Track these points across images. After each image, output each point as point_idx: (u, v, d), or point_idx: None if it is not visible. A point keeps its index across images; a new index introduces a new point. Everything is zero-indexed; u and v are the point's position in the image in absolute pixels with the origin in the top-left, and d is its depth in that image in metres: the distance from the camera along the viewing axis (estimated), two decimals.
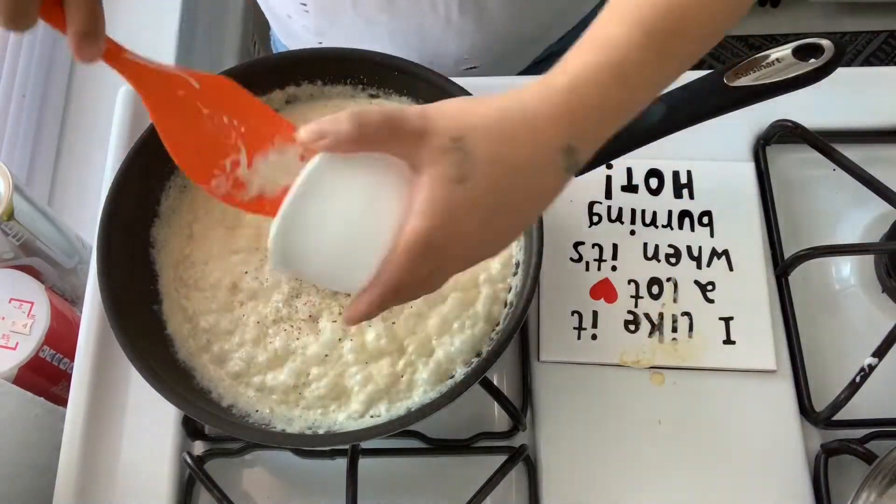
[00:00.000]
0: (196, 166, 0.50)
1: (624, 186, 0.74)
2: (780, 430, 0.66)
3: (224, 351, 0.61)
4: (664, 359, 0.67)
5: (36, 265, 0.78)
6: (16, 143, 0.96)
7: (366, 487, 0.61)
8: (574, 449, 0.65)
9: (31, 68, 0.99)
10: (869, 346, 0.64)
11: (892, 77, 0.79)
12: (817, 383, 0.67)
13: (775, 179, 0.74)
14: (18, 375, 0.71)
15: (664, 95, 0.60)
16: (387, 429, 0.56)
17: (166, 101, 0.48)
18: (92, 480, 0.65)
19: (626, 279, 0.70)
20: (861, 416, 0.65)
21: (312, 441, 0.59)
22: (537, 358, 0.68)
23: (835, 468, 0.64)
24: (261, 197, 0.50)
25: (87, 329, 0.69)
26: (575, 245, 0.72)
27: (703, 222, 0.72)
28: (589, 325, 0.69)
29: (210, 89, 0.49)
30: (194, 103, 0.49)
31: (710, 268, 0.71)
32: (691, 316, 0.69)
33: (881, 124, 0.76)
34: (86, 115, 1.04)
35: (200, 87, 0.49)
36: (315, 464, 0.66)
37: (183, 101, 0.48)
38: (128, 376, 0.68)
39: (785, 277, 0.71)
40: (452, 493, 0.63)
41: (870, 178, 0.71)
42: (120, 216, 0.62)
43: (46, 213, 0.79)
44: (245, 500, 0.65)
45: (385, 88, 0.68)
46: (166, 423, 0.66)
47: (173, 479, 0.65)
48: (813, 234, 0.74)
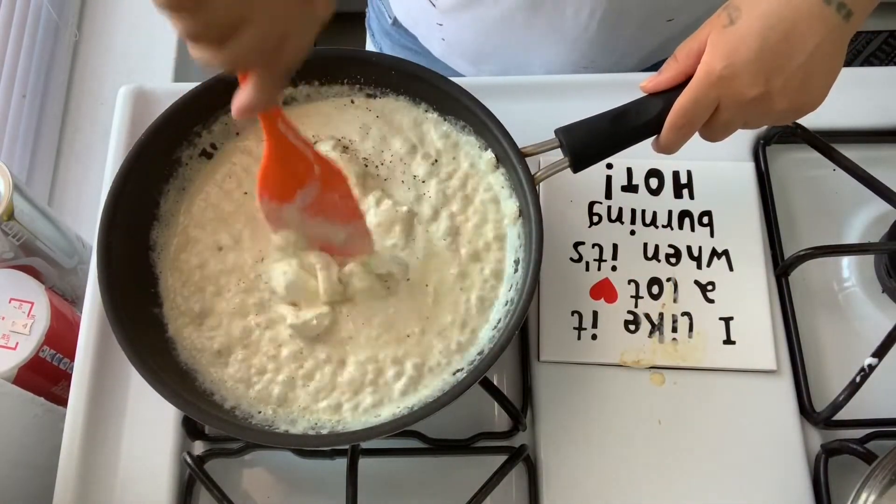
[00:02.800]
0: (274, 193, 0.59)
1: (624, 186, 0.74)
2: (780, 430, 0.66)
3: (226, 353, 0.61)
4: (664, 359, 0.68)
5: (36, 265, 0.78)
6: (16, 143, 0.96)
7: (366, 487, 0.61)
8: (574, 449, 0.65)
9: (31, 68, 0.99)
10: (869, 346, 0.64)
11: (892, 77, 0.79)
12: (817, 383, 0.68)
13: (775, 179, 0.74)
14: (18, 375, 0.71)
15: (663, 90, 0.60)
16: (387, 429, 0.56)
17: (284, 162, 0.57)
18: (92, 480, 0.65)
19: (626, 279, 0.70)
20: (861, 416, 0.65)
21: (314, 441, 0.59)
22: (537, 358, 0.68)
23: (835, 468, 0.64)
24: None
25: (87, 329, 0.69)
26: (575, 245, 0.72)
27: (703, 222, 0.72)
28: (589, 325, 0.69)
29: (325, 175, 0.59)
30: (304, 173, 0.58)
31: (710, 268, 0.71)
32: (691, 316, 0.69)
33: (881, 124, 0.77)
34: (86, 115, 1.04)
35: (319, 172, 0.58)
36: (315, 464, 0.66)
37: (295, 168, 0.57)
38: (128, 376, 0.68)
39: (785, 277, 0.71)
40: (452, 493, 0.63)
41: (870, 178, 0.71)
42: (119, 219, 0.61)
43: (46, 213, 0.79)
44: (245, 500, 0.65)
45: (382, 88, 0.68)
46: (166, 423, 0.66)
47: (173, 479, 0.65)
48: (813, 234, 0.74)
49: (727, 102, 0.57)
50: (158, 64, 1.06)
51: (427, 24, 0.86)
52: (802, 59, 0.55)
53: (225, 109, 0.67)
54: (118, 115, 0.77)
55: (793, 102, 0.57)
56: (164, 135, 0.64)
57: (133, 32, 1.08)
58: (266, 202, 0.60)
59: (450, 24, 0.83)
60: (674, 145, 0.60)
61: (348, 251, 0.62)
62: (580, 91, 0.76)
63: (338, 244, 0.62)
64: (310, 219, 0.61)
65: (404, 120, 0.68)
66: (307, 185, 0.59)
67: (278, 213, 0.60)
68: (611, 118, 0.60)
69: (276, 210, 0.60)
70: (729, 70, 0.55)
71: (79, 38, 1.08)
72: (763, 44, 0.55)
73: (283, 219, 0.61)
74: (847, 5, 0.55)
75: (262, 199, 0.59)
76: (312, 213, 0.60)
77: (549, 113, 0.66)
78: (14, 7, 0.99)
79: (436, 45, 0.88)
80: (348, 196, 0.61)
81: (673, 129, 0.59)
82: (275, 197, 0.59)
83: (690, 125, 0.59)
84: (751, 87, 0.56)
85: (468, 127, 0.66)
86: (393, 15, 0.91)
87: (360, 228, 0.62)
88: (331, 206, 0.60)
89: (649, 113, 0.60)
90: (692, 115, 0.58)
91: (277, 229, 0.61)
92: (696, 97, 0.57)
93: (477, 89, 0.65)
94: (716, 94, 0.57)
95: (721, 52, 0.56)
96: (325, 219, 0.61)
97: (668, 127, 0.59)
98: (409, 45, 0.92)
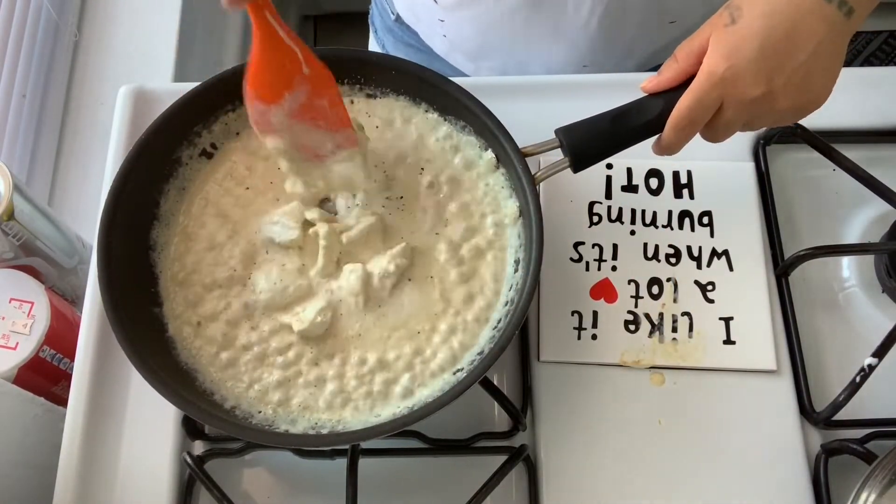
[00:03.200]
0: (261, 92, 0.58)
1: (624, 186, 0.74)
2: (780, 430, 0.66)
3: (226, 353, 0.61)
4: (664, 359, 0.68)
5: (36, 265, 0.78)
6: (16, 143, 0.96)
7: (366, 487, 0.61)
8: (574, 449, 0.65)
9: (31, 68, 0.99)
10: (869, 346, 0.64)
11: (892, 77, 0.79)
12: (817, 383, 0.68)
13: (775, 179, 0.74)
14: (18, 375, 0.71)
15: (664, 92, 0.60)
16: (387, 429, 0.56)
17: (272, 57, 0.56)
18: (92, 480, 0.65)
19: (626, 279, 0.70)
20: (861, 416, 0.65)
21: (314, 441, 0.59)
22: (537, 358, 0.68)
23: (835, 468, 0.64)
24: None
25: (87, 329, 0.69)
26: (575, 245, 0.72)
27: (703, 222, 0.72)
28: (589, 325, 0.69)
29: (314, 78, 0.58)
30: (292, 72, 0.57)
31: (710, 268, 0.71)
32: (691, 316, 0.69)
33: (881, 124, 0.77)
34: (86, 115, 1.04)
35: (309, 74, 0.58)
36: (315, 464, 0.66)
37: (283, 65, 0.57)
38: (128, 376, 0.68)
39: (785, 277, 0.71)
40: (452, 493, 0.63)
41: (870, 178, 0.71)
42: (119, 219, 0.61)
43: (46, 213, 0.79)
44: (245, 500, 0.65)
45: (382, 88, 0.68)
46: (166, 423, 0.66)
47: (173, 479, 0.65)
48: (813, 234, 0.74)
49: (730, 102, 0.57)
50: (158, 64, 1.06)
51: (429, 21, 0.86)
52: (804, 57, 0.55)
53: (225, 109, 0.67)
54: (118, 115, 0.77)
55: (795, 101, 0.57)
56: (164, 135, 0.64)
57: (133, 32, 1.08)
58: (253, 102, 0.58)
59: (451, 21, 0.83)
60: (675, 146, 0.60)
61: (336, 156, 0.62)
62: (580, 91, 0.76)
63: (325, 152, 0.62)
64: (297, 124, 0.60)
65: (403, 119, 0.68)
66: (295, 88, 0.58)
67: (266, 115, 0.59)
68: (611, 118, 0.60)
69: (263, 112, 0.59)
70: (731, 70, 0.55)
71: (79, 38, 1.08)
72: (765, 42, 0.55)
73: (271, 122, 0.60)
74: (848, 3, 0.55)
75: (248, 97, 0.58)
76: (300, 119, 0.60)
77: (549, 113, 0.66)
78: (14, 7, 0.99)
79: (437, 41, 0.89)
80: (337, 103, 0.61)
81: (675, 129, 0.59)
82: (263, 96, 0.58)
83: (693, 125, 0.59)
84: (753, 86, 0.56)
85: (468, 127, 0.66)
86: (396, 11, 0.91)
87: (348, 136, 0.62)
88: (319, 111, 0.60)
89: (650, 113, 0.60)
90: (695, 115, 0.58)
91: (264, 133, 0.60)
92: (698, 97, 0.57)
93: (477, 89, 0.65)
94: (718, 94, 0.57)
95: (723, 52, 0.56)
96: (313, 125, 0.60)
97: (669, 127, 0.59)
98: (412, 42, 0.92)
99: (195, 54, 1.12)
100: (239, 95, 0.66)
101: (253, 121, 0.60)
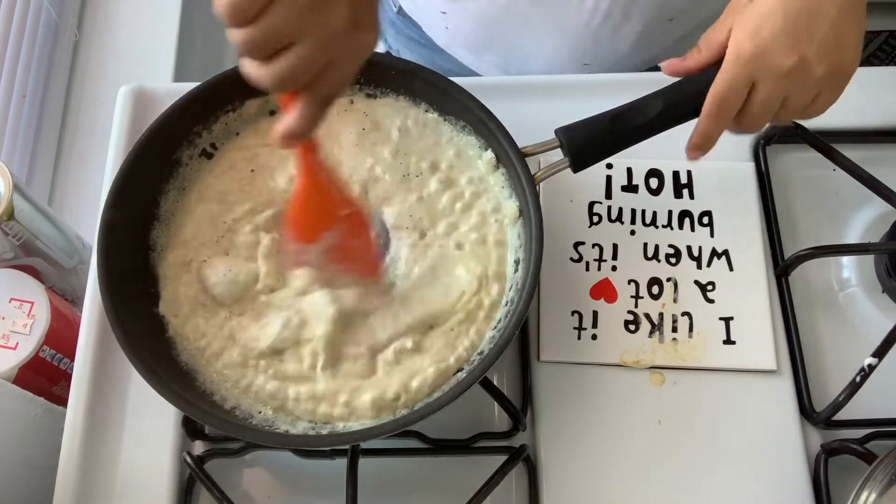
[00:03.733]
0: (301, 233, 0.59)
1: (624, 186, 0.74)
2: (780, 430, 0.66)
3: (225, 353, 0.61)
4: (664, 359, 0.67)
5: (36, 265, 0.78)
6: (16, 143, 0.96)
7: (366, 487, 0.61)
8: (574, 449, 0.65)
9: (31, 68, 0.99)
10: (869, 346, 0.64)
11: (892, 77, 0.79)
12: (817, 383, 0.68)
13: (775, 179, 0.74)
14: (18, 375, 0.71)
15: (663, 91, 0.60)
16: (387, 429, 0.56)
17: (315, 199, 0.56)
18: (92, 480, 0.65)
19: (626, 279, 0.70)
20: (861, 416, 0.65)
21: (314, 441, 0.59)
22: (537, 358, 0.68)
23: (835, 468, 0.64)
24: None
25: (87, 329, 0.69)
26: (575, 245, 0.72)
27: (703, 222, 0.72)
28: (589, 325, 0.69)
29: (351, 218, 0.58)
30: (333, 213, 0.57)
31: (710, 268, 0.71)
32: (691, 316, 0.69)
33: (881, 124, 0.77)
34: (86, 115, 1.04)
35: (346, 215, 0.58)
36: (315, 464, 0.66)
37: (324, 207, 0.57)
38: (128, 376, 0.68)
39: (785, 277, 0.71)
40: (452, 493, 0.63)
41: (870, 178, 0.71)
42: (119, 219, 0.62)
43: (46, 213, 0.79)
44: (245, 500, 0.65)
45: (383, 88, 0.68)
46: (166, 423, 0.66)
47: (173, 479, 0.65)
48: (813, 234, 0.74)
49: (763, 78, 0.56)
50: (158, 64, 1.06)
51: (431, 12, 0.86)
52: (828, 24, 0.55)
53: (225, 109, 0.67)
54: (118, 115, 0.77)
55: (830, 65, 0.56)
56: (164, 135, 0.64)
57: (133, 32, 1.08)
58: (290, 243, 0.59)
59: (453, 13, 0.83)
60: (712, 135, 0.60)
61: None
62: (580, 91, 0.76)
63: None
64: (330, 264, 0.60)
65: (403, 119, 0.68)
66: (333, 229, 0.58)
67: (301, 254, 0.59)
68: (611, 118, 0.60)
69: (299, 251, 0.59)
70: (759, 46, 0.55)
71: (79, 38, 1.08)
72: (787, 14, 0.55)
73: (304, 261, 0.60)
74: None
75: (288, 238, 0.59)
76: (331, 259, 0.59)
77: (549, 113, 0.66)
78: (14, 7, 0.99)
79: (439, 34, 0.88)
80: (369, 245, 0.61)
81: (709, 116, 0.58)
82: (301, 237, 0.58)
83: (727, 110, 0.58)
84: (785, 57, 0.55)
85: (468, 127, 0.66)
86: (398, 4, 0.91)
87: (377, 285, 0.62)
88: (352, 252, 0.60)
89: (650, 113, 0.60)
90: (727, 98, 0.57)
91: (293, 269, 0.61)
92: (729, 78, 0.57)
93: (477, 89, 0.65)
94: (748, 74, 0.56)
95: (748, 31, 0.56)
96: (345, 268, 0.60)
97: (704, 115, 0.58)
98: (413, 36, 0.92)
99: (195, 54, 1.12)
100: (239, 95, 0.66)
101: (288, 261, 0.61)
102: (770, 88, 0.57)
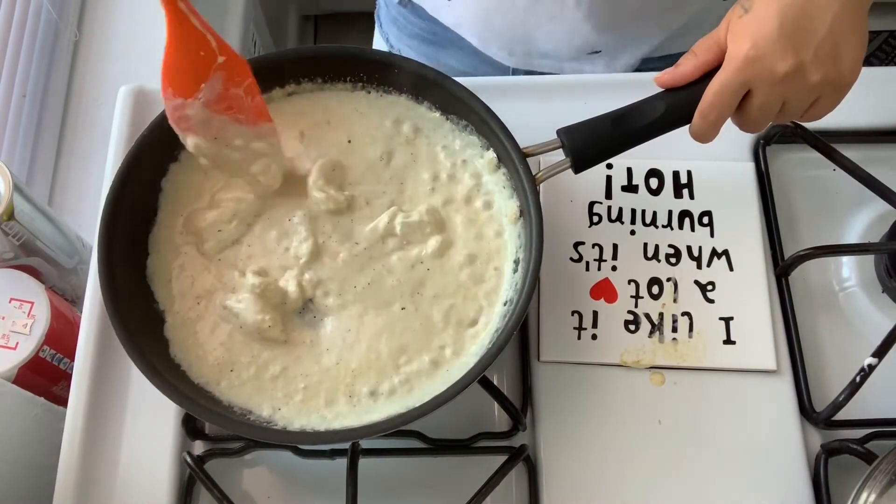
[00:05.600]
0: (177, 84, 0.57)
1: (624, 186, 0.74)
2: (780, 430, 0.66)
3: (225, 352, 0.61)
4: (664, 359, 0.68)
5: (36, 265, 0.78)
6: (16, 143, 0.96)
7: (366, 487, 0.61)
8: (574, 449, 0.65)
9: (31, 68, 0.99)
10: (869, 346, 0.64)
11: (892, 77, 0.79)
12: (817, 383, 0.68)
13: (775, 179, 0.75)
14: (18, 375, 0.71)
15: (664, 93, 0.60)
16: (386, 426, 0.56)
17: (186, 46, 0.55)
18: (92, 480, 0.65)
19: (626, 279, 0.70)
20: (861, 416, 0.66)
21: (312, 438, 0.59)
22: (537, 358, 0.68)
23: (835, 468, 0.64)
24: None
25: (87, 329, 0.69)
26: (575, 245, 0.72)
27: (703, 222, 0.72)
28: (589, 325, 0.69)
29: (229, 64, 0.57)
30: (208, 61, 0.56)
31: (710, 268, 0.71)
32: (691, 316, 0.69)
33: (881, 124, 0.77)
34: (86, 115, 1.04)
35: (223, 62, 0.57)
36: (315, 464, 0.66)
37: (198, 54, 0.56)
38: (128, 376, 0.68)
39: (785, 277, 0.71)
40: (452, 493, 0.63)
41: (870, 178, 0.71)
42: (119, 219, 0.62)
43: (46, 213, 0.79)
44: (245, 500, 0.65)
45: (385, 86, 0.68)
46: (166, 423, 0.66)
47: (173, 479, 0.65)
48: (813, 234, 0.74)
49: (760, 83, 0.57)
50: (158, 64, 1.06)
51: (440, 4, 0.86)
52: (824, 31, 0.56)
53: None
54: (118, 115, 0.77)
55: (827, 73, 0.56)
56: (163, 134, 0.64)
57: (133, 32, 1.08)
58: (170, 97, 0.58)
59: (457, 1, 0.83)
60: (706, 134, 0.60)
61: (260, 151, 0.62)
62: (582, 91, 0.76)
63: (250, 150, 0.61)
64: (215, 117, 0.59)
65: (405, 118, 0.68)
66: (211, 77, 0.57)
67: (183, 109, 0.58)
68: (612, 119, 0.60)
69: (180, 106, 0.58)
70: (755, 51, 0.56)
71: (79, 38, 1.08)
72: (783, 21, 0.56)
73: (189, 117, 0.59)
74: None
75: (165, 93, 0.57)
76: (218, 110, 0.59)
77: (550, 113, 0.66)
78: (14, 7, 0.99)
79: (446, 13, 0.88)
80: (254, 93, 0.60)
81: (701, 116, 0.59)
82: (178, 90, 0.57)
83: (720, 112, 0.59)
84: (781, 61, 0.56)
85: (470, 126, 0.66)
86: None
87: (269, 130, 0.61)
88: (236, 101, 0.59)
89: (651, 115, 0.60)
90: (721, 101, 0.58)
91: (185, 132, 0.60)
92: (723, 83, 0.57)
93: (479, 89, 0.65)
94: (744, 78, 0.57)
95: (744, 38, 0.56)
96: (232, 118, 0.60)
97: (697, 115, 0.59)
98: (417, 32, 0.92)
99: None
100: None
101: (171, 118, 0.59)
102: (767, 93, 0.57)
